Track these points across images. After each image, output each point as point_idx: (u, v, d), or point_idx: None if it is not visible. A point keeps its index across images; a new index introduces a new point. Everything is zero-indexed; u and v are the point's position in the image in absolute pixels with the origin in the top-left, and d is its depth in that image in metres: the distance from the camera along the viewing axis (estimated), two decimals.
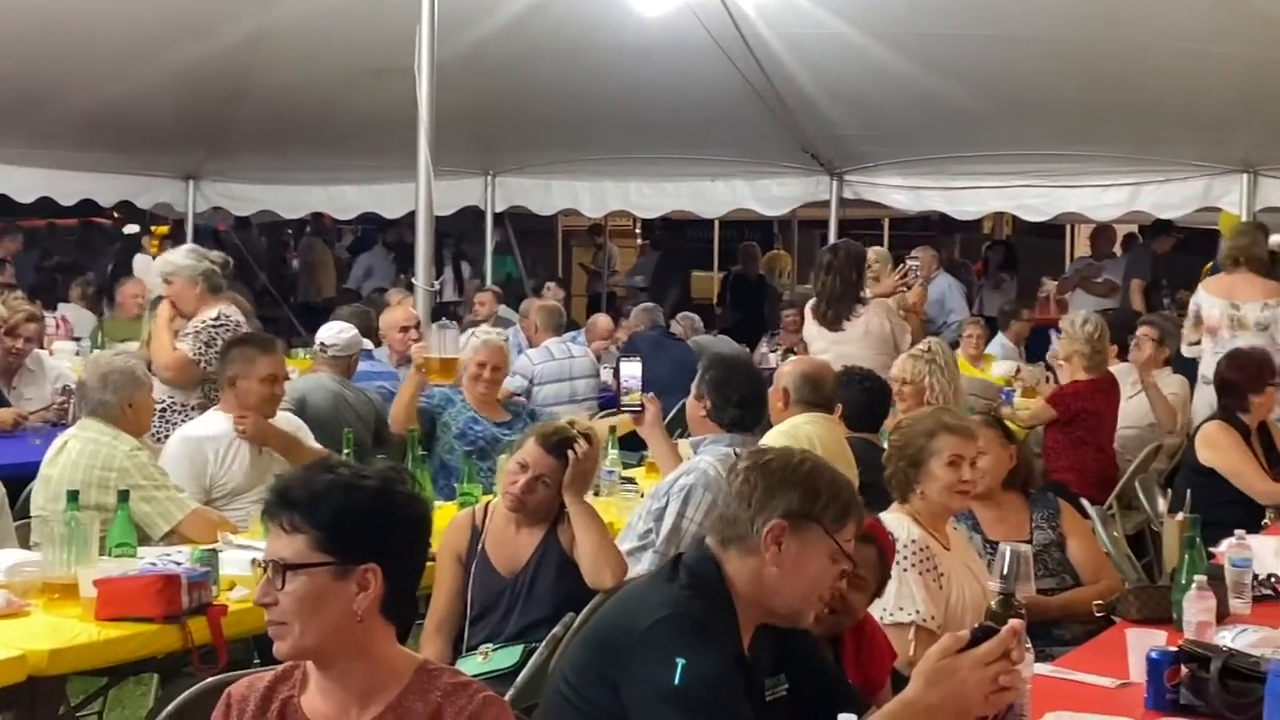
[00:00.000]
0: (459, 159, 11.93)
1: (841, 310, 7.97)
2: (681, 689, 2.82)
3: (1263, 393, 6.91)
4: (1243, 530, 4.77)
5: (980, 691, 2.72)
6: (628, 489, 6.30)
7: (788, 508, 3.04)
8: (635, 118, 10.99)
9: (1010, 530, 5.03)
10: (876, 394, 6.34)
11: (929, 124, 10.71)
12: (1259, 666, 3.53)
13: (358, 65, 9.86)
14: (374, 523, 2.55)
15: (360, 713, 2.58)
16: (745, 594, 3.03)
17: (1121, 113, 9.85)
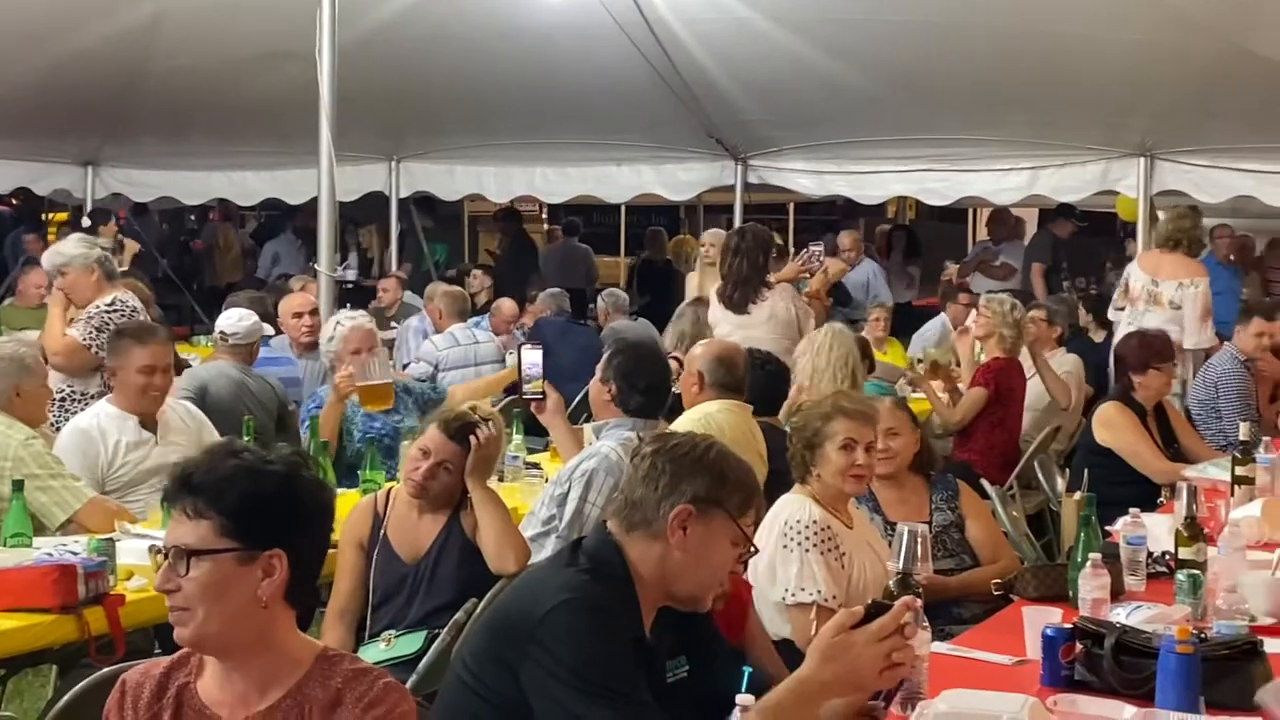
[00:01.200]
0: (362, 144, 11.86)
1: (748, 293, 8.00)
2: (581, 673, 2.82)
3: (1144, 374, 7.01)
4: (1137, 509, 4.84)
5: (874, 667, 2.76)
6: (532, 474, 6.29)
7: (695, 493, 3.05)
8: (540, 102, 10.96)
9: (910, 512, 5.08)
10: (776, 377, 6.36)
11: (833, 109, 10.76)
12: (1151, 642, 3.59)
13: (258, 49, 9.76)
14: (279, 508, 2.54)
15: (259, 700, 2.56)
16: (647, 578, 3.04)
17: (1020, 97, 9.96)
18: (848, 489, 4.66)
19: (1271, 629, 4.17)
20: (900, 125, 10.93)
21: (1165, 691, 3.42)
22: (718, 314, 8.08)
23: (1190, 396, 8.30)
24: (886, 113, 10.68)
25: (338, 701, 2.54)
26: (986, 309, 8.47)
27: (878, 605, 2.84)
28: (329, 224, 8.22)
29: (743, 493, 3.11)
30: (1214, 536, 4.77)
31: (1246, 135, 10.17)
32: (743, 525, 3.10)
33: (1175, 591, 4.33)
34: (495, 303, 11.29)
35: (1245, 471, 5.87)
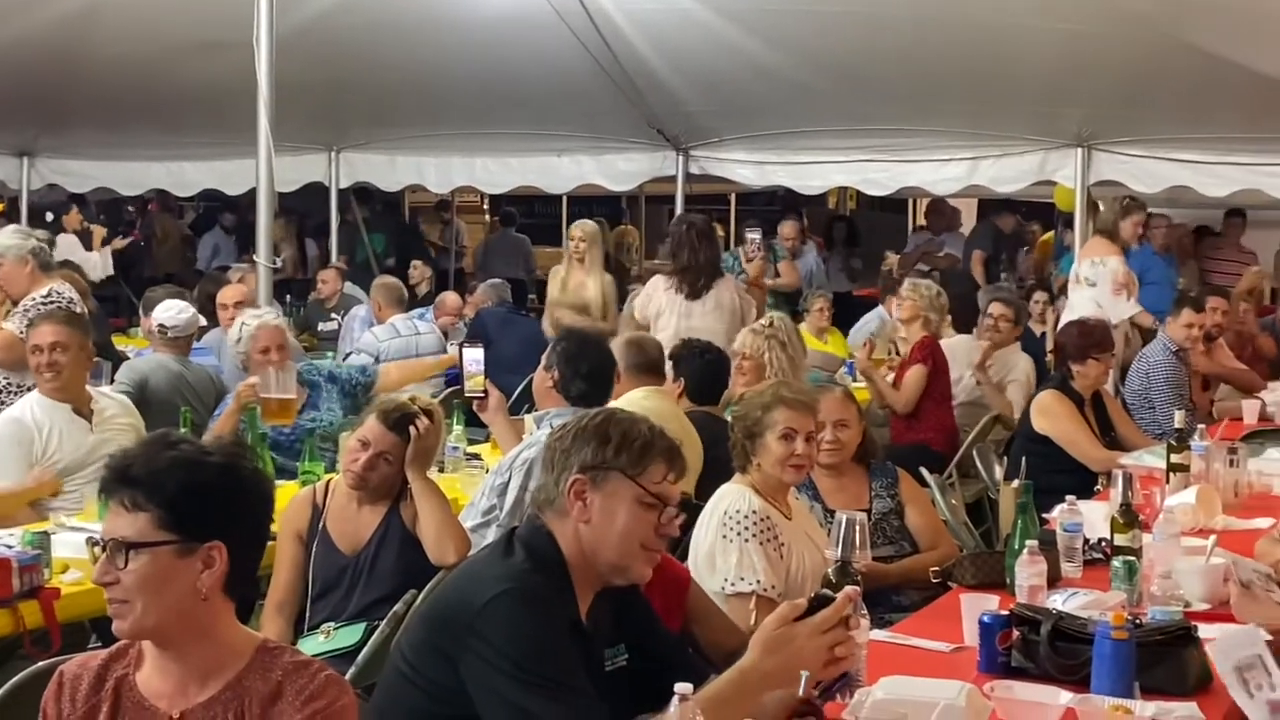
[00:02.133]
0: (302, 134, 11.78)
1: (707, 281, 8.12)
2: (521, 663, 2.82)
3: (1083, 363, 7.07)
4: (1074, 496, 4.88)
5: (816, 659, 2.78)
6: (472, 465, 6.28)
7: (582, 461, 3.05)
8: (481, 93, 10.92)
9: (850, 499, 5.10)
10: (716, 366, 6.37)
11: (773, 100, 10.77)
12: (1087, 628, 3.62)
13: (196, 38, 9.65)
14: (219, 500, 2.52)
15: (198, 691, 2.55)
16: (574, 559, 3.04)
17: (959, 88, 10.01)
18: (787, 478, 4.67)
19: (1205, 614, 4.22)
20: (840, 116, 10.95)
21: (1101, 677, 3.46)
22: (664, 301, 8.08)
23: (1126, 386, 8.38)
24: (827, 103, 10.71)
25: (278, 694, 2.53)
26: (912, 293, 8.54)
27: (821, 598, 2.86)
28: (267, 215, 8.15)
29: (632, 451, 3.07)
30: (1149, 523, 4.82)
31: (1182, 126, 10.27)
32: (644, 483, 3.05)
33: (1111, 578, 4.36)
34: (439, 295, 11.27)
35: (1180, 459, 5.94)
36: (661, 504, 3.07)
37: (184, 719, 2.54)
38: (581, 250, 9.65)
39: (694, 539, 4.56)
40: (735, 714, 2.80)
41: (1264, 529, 5.32)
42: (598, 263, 9.78)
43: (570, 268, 9.73)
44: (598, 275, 9.69)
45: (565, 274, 9.75)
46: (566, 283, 9.63)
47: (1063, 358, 7.23)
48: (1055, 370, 7.45)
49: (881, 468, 5.38)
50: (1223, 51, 8.19)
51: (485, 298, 10.96)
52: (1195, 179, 10.77)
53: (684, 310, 8.06)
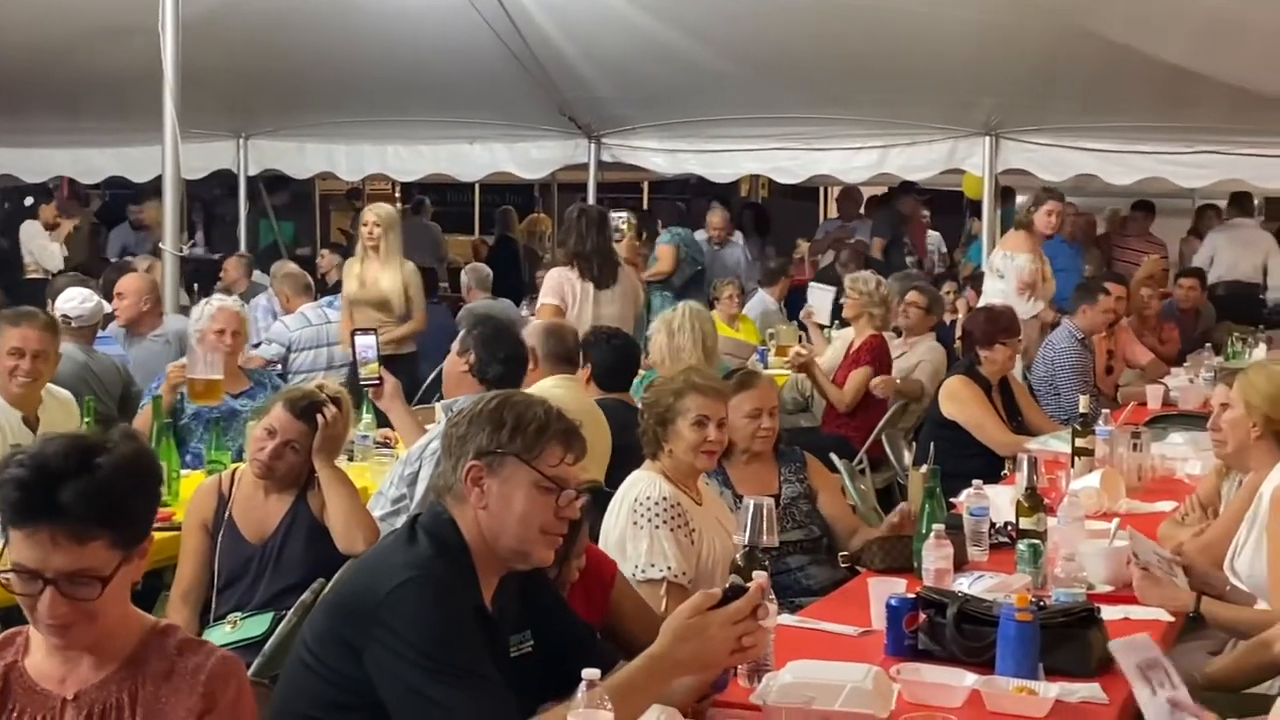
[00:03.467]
0: (209, 120, 11.63)
1: (611, 269, 8.12)
2: (426, 651, 2.80)
3: (991, 348, 7.15)
4: (980, 480, 4.94)
5: (726, 648, 2.82)
6: (382, 453, 6.24)
7: (478, 447, 3.03)
8: (392, 79, 10.85)
9: (760, 485, 5.11)
10: (625, 352, 6.37)
11: (685, 87, 10.79)
12: (992, 611, 3.66)
13: (100, 23, 9.53)
14: (146, 499, 2.52)
15: (92, 673, 2.54)
16: (476, 544, 3.02)
17: (868, 76, 10.07)
18: (700, 464, 4.68)
19: (1109, 596, 4.28)
20: (752, 104, 10.99)
21: (1005, 659, 3.50)
22: (575, 289, 8.05)
23: (1033, 373, 8.48)
24: (738, 91, 10.74)
25: (170, 672, 2.53)
26: (853, 290, 8.58)
27: (735, 588, 2.88)
28: (174, 202, 8.06)
29: (527, 435, 3.03)
30: (1054, 507, 4.88)
31: (1087, 115, 10.41)
32: (540, 467, 3.02)
33: (1016, 561, 4.41)
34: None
35: (1085, 443, 6.02)
36: (559, 487, 3.04)
37: (78, 700, 2.53)
38: (376, 237, 8.66)
39: (604, 526, 4.56)
40: (645, 700, 2.82)
41: (1167, 512, 5.42)
42: (395, 252, 8.75)
43: (365, 259, 8.73)
44: (396, 267, 8.70)
45: (360, 267, 8.73)
46: (364, 277, 8.67)
47: (970, 343, 7.31)
48: (963, 356, 7.52)
49: (789, 453, 5.40)
50: (1128, 41, 8.30)
51: None
52: (1101, 167, 10.94)
53: (597, 297, 8.05)
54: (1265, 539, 4.33)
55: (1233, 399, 4.57)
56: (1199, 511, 5.25)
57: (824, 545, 5.21)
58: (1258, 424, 4.49)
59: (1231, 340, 9.84)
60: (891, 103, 10.67)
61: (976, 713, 3.31)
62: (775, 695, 3.19)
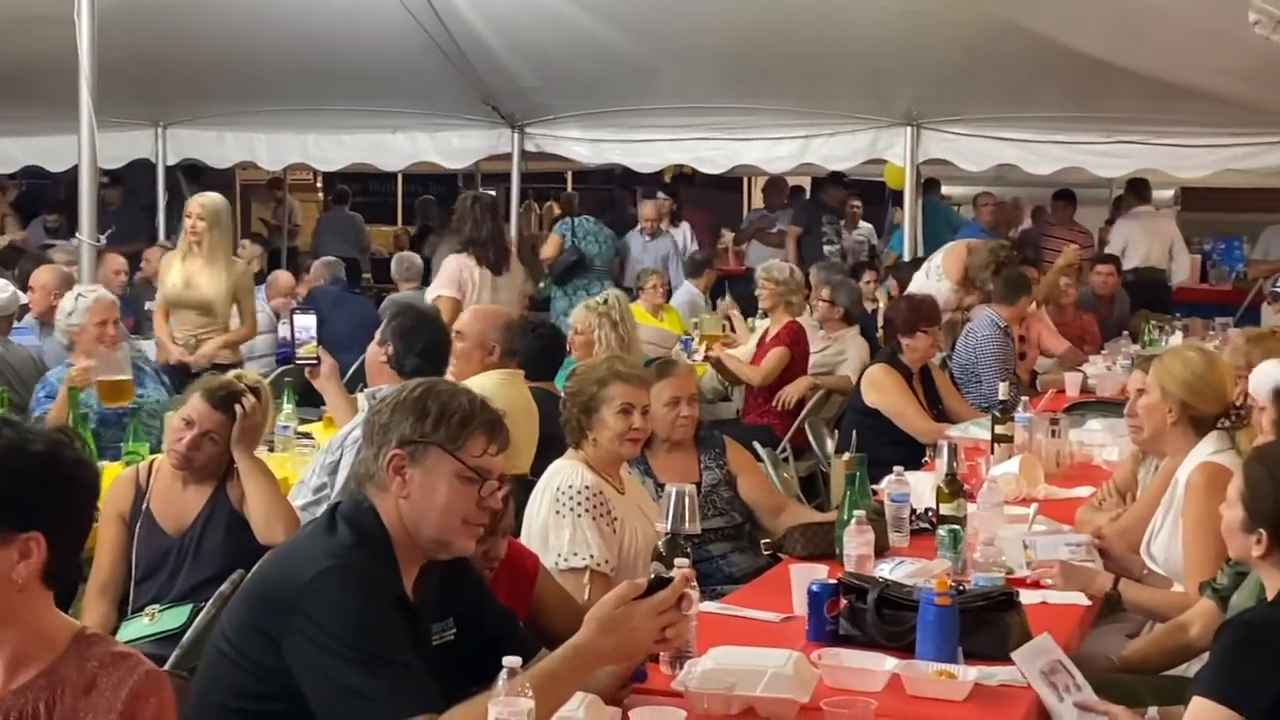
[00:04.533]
0: (127, 109, 11.52)
1: (505, 255, 8.21)
2: (346, 640, 2.79)
3: (912, 336, 7.20)
4: (901, 467, 4.97)
5: (650, 638, 2.83)
6: (303, 444, 6.20)
7: (401, 436, 3.00)
8: (313, 67, 10.75)
9: (680, 474, 5.11)
10: (550, 342, 6.37)
11: (608, 77, 10.78)
12: (912, 595, 3.68)
13: (13, 11, 9.37)
14: (40, 490, 2.43)
15: (9, 680, 2.46)
16: (396, 533, 3.00)
17: (790, 67, 10.10)
18: (625, 452, 4.68)
19: (1027, 581, 4.32)
20: (675, 94, 11.00)
21: (925, 643, 3.53)
22: (473, 276, 8.11)
23: (954, 360, 8.55)
24: (661, 81, 10.75)
25: (92, 685, 2.46)
26: (767, 279, 8.62)
27: (659, 578, 2.89)
28: (90, 192, 7.95)
29: (451, 425, 3.01)
30: (974, 493, 4.93)
31: (1007, 105, 10.51)
32: (463, 458, 3.01)
33: (937, 546, 4.45)
34: (271, 274, 11.09)
35: (1004, 430, 6.07)
36: (482, 478, 3.02)
37: None
38: (199, 232, 7.82)
39: (527, 515, 4.55)
40: (568, 690, 2.82)
41: (1084, 497, 5.49)
42: (223, 249, 7.97)
43: (188, 255, 7.93)
44: (222, 267, 7.90)
45: (181, 264, 7.91)
46: (186, 276, 7.86)
47: (892, 332, 7.35)
48: (885, 345, 7.57)
49: (709, 439, 5.40)
50: (1046, 32, 8.37)
51: (319, 276, 10.82)
52: (1020, 157, 11.05)
53: (492, 284, 8.12)
54: (1180, 523, 4.39)
55: (1148, 385, 4.62)
56: (1116, 497, 5.33)
57: (745, 532, 5.23)
58: (1173, 409, 4.54)
59: (1148, 328, 9.96)
60: (813, 93, 10.72)
61: (897, 697, 3.33)
62: (697, 681, 3.20)
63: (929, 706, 3.31)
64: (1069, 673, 3.30)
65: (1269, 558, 3.27)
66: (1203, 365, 4.64)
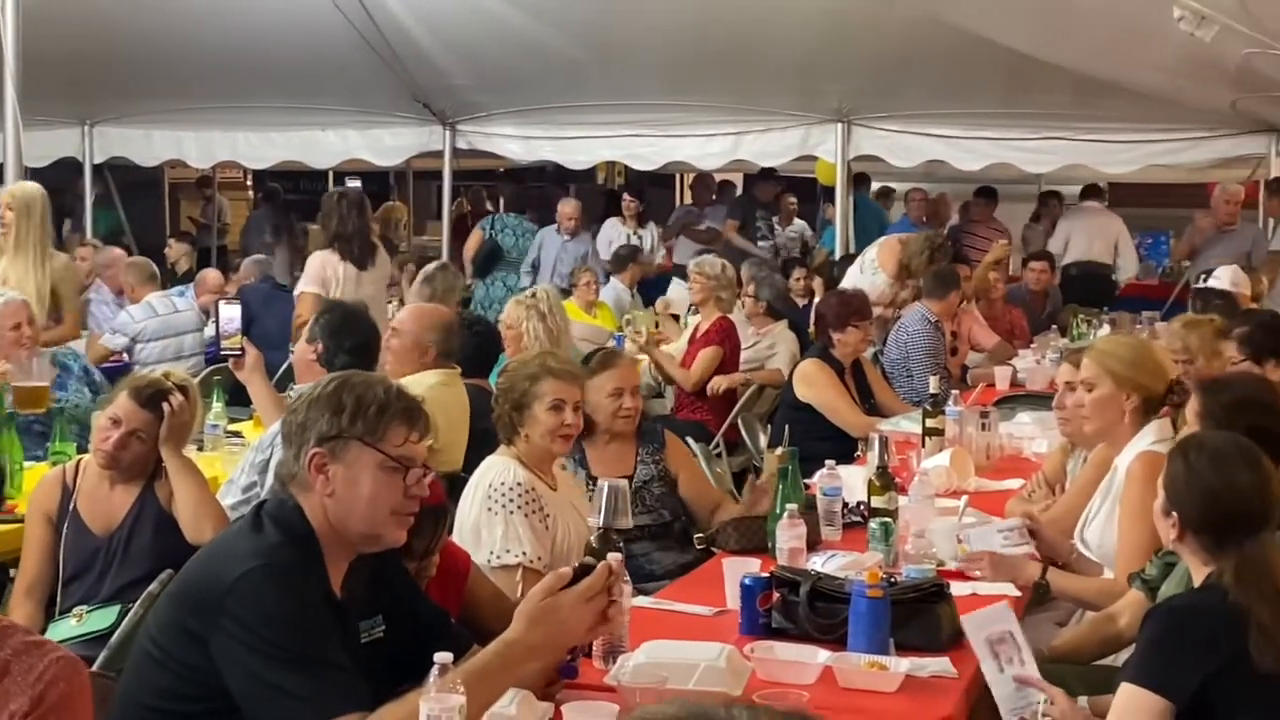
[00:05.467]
0: (52, 107, 11.38)
1: (370, 250, 8.29)
2: (273, 639, 2.76)
3: (844, 331, 7.23)
4: (834, 461, 4.99)
5: (581, 627, 2.82)
6: (233, 443, 6.15)
7: (319, 433, 2.97)
8: (242, 64, 10.69)
9: (616, 467, 5.12)
10: (484, 338, 6.36)
11: (540, 74, 10.78)
12: (844, 588, 3.70)
13: None
14: None
15: None
16: (323, 531, 2.97)
17: (721, 63, 10.14)
18: (557, 449, 4.67)
19: (958, 573, 4.35)
20: (607, 91, 11.01)
21: (857, 635, 3.55)
22: (338, 272, 8.16)
23: (885, 355, 8.59)
24: (593, 78, 10.76)
25: (5, 671, 2.44)
26: (698, 274, 8.63)
27: (584, 566, 2.88)
28: None
29: (368, 417, 2.98)
30: (905, 486, 4.96)
31: (936, 101, 10.59)
32: (384, 449, 2.97)
33: (868, 539, 4.47)
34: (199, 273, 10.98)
35: (935, 424, 6.10)
36: (406, 467, 3.00)
37: None
38: (8, 223, 7.18)
39: (459, 512, 4.53)
40: (501, 685, 2.81)
41: (1014, 490, 5.53)
42: (35, 243, 7.21)
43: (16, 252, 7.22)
44: (34, 261, 7.20)
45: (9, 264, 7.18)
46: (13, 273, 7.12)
47: (823, 327, 7.38)
48: (816, 340, 7.61)
49: (651, 433, 5.37)
50: (974, 28, 8.42)
51: (248, 274, 10.72)
52: (949, 153, 11.15)
53: (357, 279, 8.17)
54: (1117, 510, 4.42)
55: (1095, 378, 4.55)
56: (1045, 488, 5.37)
57: (674, 530, 5.19)
58: (1132, 395, 4.51)
59: (1076, 322, 10.06)
60: (745, 89, 10.76)
61: (829, 689, 3.34)
62: (629, 676, 3.20)
63: (861, 698, 3.32)
64: (1017, 645, 3.32)
65: (1183, 542, 3.31)
66: (1139, 345, 4.70)
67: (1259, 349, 5.77)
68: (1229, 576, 3.16)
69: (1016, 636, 3.36)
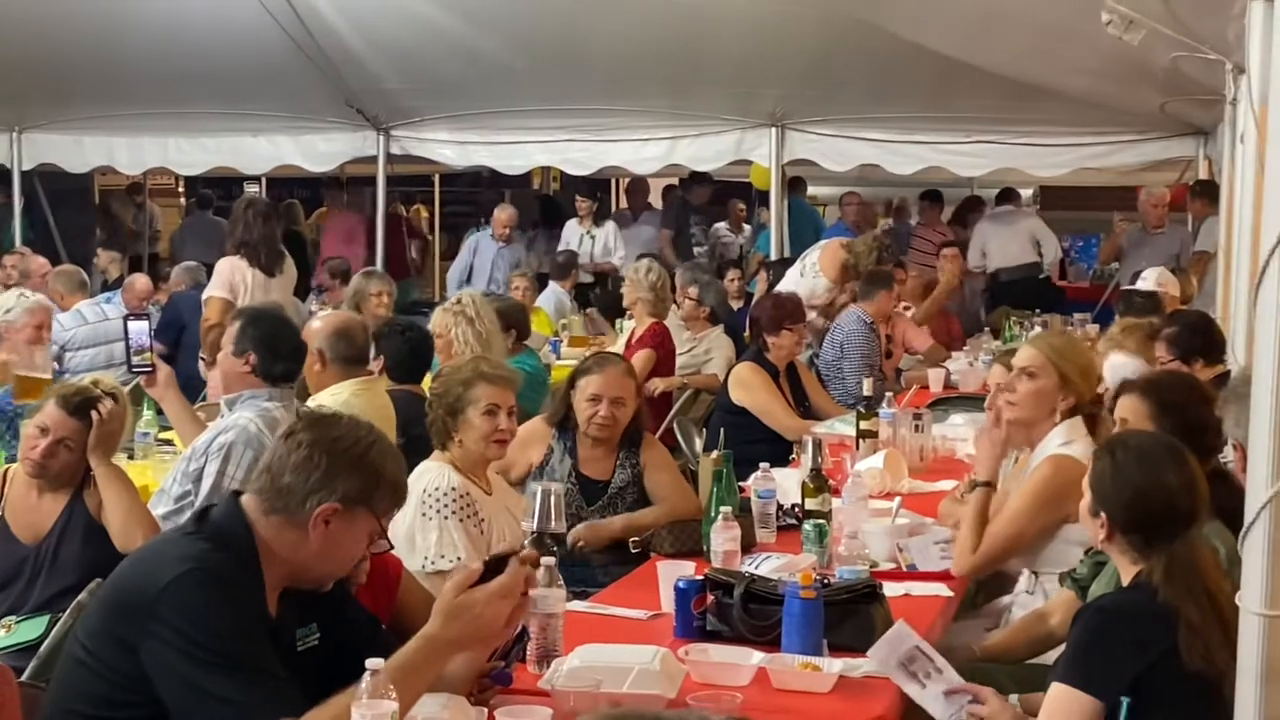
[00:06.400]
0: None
1: (276, 257, 8.43)
2: (204, 644, 2.75)
3: (778, 334, 7.25)
4: (768, 464, 5.00)
5: (498, 622, 2.85)
6: (164, 451, 6.09)
7: (347, 492, 2.98)
8: (173, 70, 10.57)
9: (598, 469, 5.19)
10: (417, 344, 6.32)
11: (474, 79, 10.73)
12: (777, 590, 3.71)
13: None
14: None
15: None
16: (276, 559, 2.98)
17: (656, 68, 10.13)
18: (491, 454, 4.67)
19: (891, 574, 4.37)
20: (541, 95, 10.98)
21: (790, 636, 3.56)
22: (247, 278, 8.28)
23: (820, 357, 8.63)
24: (528, 83, 10.72)
25: None
26: (631, 280, 8.64)
27: (496, 559, 2.90)
28: None
29: (394, 494, 3.08)
30: (839, 488, 4.98)
31: (869, 106, 10.64)
32: (383, 520, 3.08)
33: (803, 541, 4.48)
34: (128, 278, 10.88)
35: (869, 426, 6.14)
36: (381, 536, 3.11)
37: None
38: None
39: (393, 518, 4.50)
40: (422, 681, 2.82)
41: (947, 491, 5.55)
42: None
43: None
44: None
45: None
46: None
47: (757, 330, 7.40)
48: (751, 343, 7.63)
49: (634, 433, 5.32)
50: (905, 33, 8.46)
51: (180, 281, 10.63)
52: (883, 157, 11.20)
53: (265, 286, 8.28)
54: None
55: (1040, 368, 4.53)
56: None
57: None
58: (1069, 397, 4.53)
59: (1009, 324, 10.14)
60: (679, 94, 10.76)
61: (763, 690, 3.36)
62: (563, 679, 3.20)
63: (795, 699, 3.34)
64: (928, 657, 3.34)
65: (1112, 541, 3.33)
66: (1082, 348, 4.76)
67: (1187, 349, 5.84)
68: (1158, 575, 3.19)
69: (925, 649, 3.37)
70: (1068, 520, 4.27)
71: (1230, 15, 5.36)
